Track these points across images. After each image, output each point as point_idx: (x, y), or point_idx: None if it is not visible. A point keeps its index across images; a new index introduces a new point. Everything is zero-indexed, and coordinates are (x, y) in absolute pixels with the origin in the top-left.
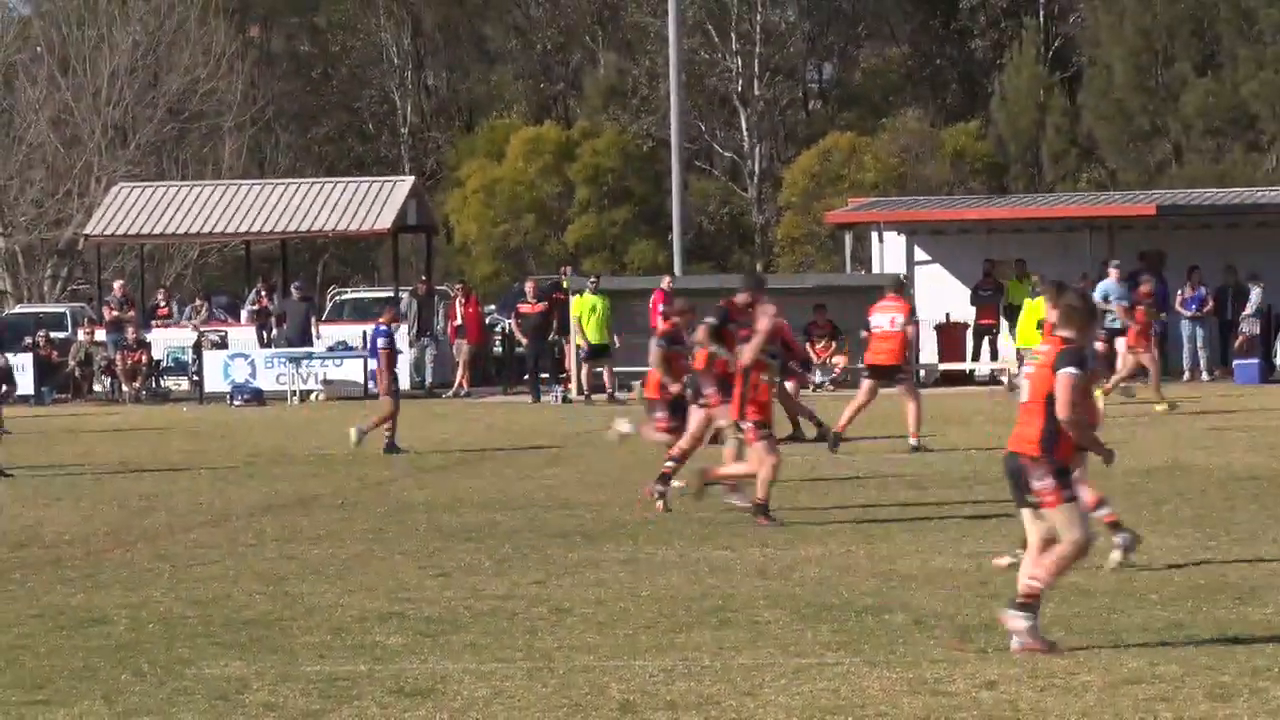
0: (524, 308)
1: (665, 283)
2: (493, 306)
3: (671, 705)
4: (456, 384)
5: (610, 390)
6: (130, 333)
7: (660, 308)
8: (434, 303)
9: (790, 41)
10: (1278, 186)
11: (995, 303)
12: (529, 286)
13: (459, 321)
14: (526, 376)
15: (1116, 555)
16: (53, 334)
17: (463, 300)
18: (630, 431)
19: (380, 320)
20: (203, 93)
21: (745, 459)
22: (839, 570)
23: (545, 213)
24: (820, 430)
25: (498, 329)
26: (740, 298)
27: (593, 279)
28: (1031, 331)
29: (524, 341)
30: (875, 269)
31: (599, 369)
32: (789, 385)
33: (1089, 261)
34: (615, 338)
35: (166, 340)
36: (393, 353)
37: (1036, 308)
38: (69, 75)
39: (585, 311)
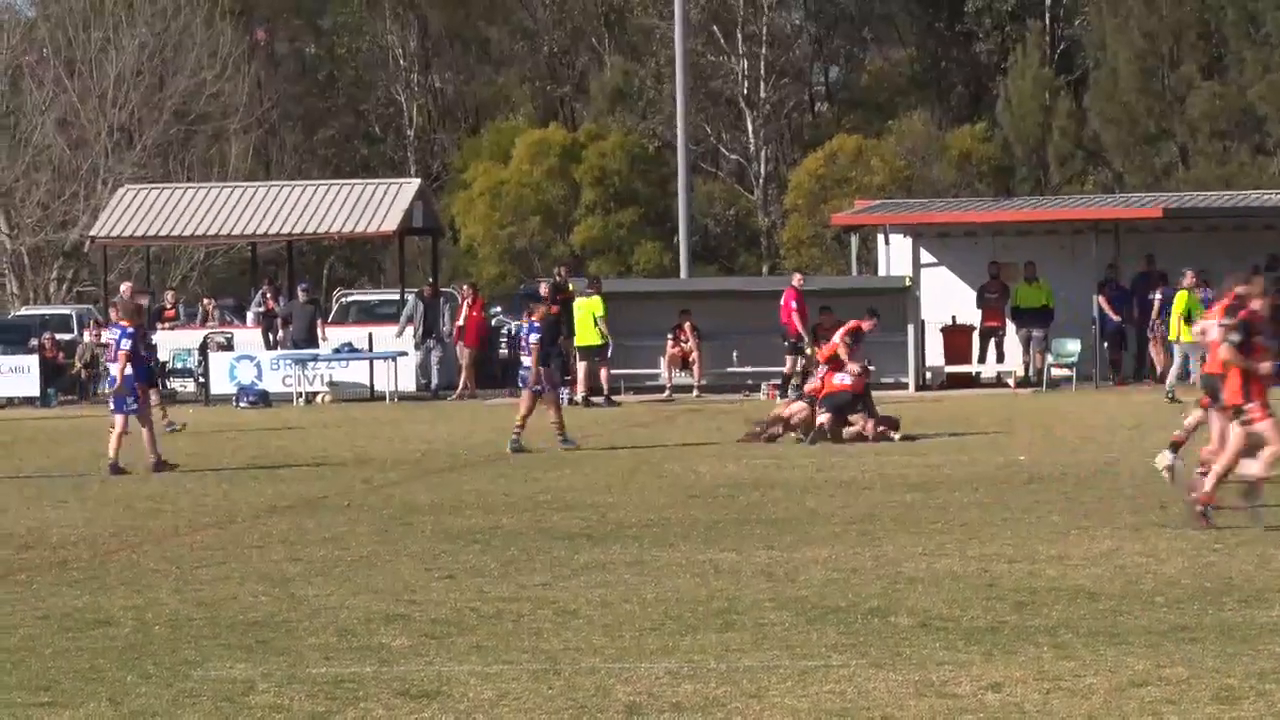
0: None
1: (797, 280)
2: (499, 309)
3: (677, 707)
4: (461, 386)
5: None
6: None
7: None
8: (440, 305)
9: (796, 44)
10: None
11: (1001, 305)
12: (544, 289)
13: (460, 322)
14: None
15: None
16: (58, 336)
17: (470, 302)
18: (1174, 465)
19: (532, 317)
20: (209, 95)
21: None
22: (844, 573)
23: (551, 215)
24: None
25: (504, 330)
26: (1242, 288)
27: (592, 281)
28: (1183, 325)
29: None
30: (881, 271)
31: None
32: None
33: (1095, 264)
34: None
35: (172, 342)
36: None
37: (1183, 300)
38: (75, 77)
39: (596, 312)
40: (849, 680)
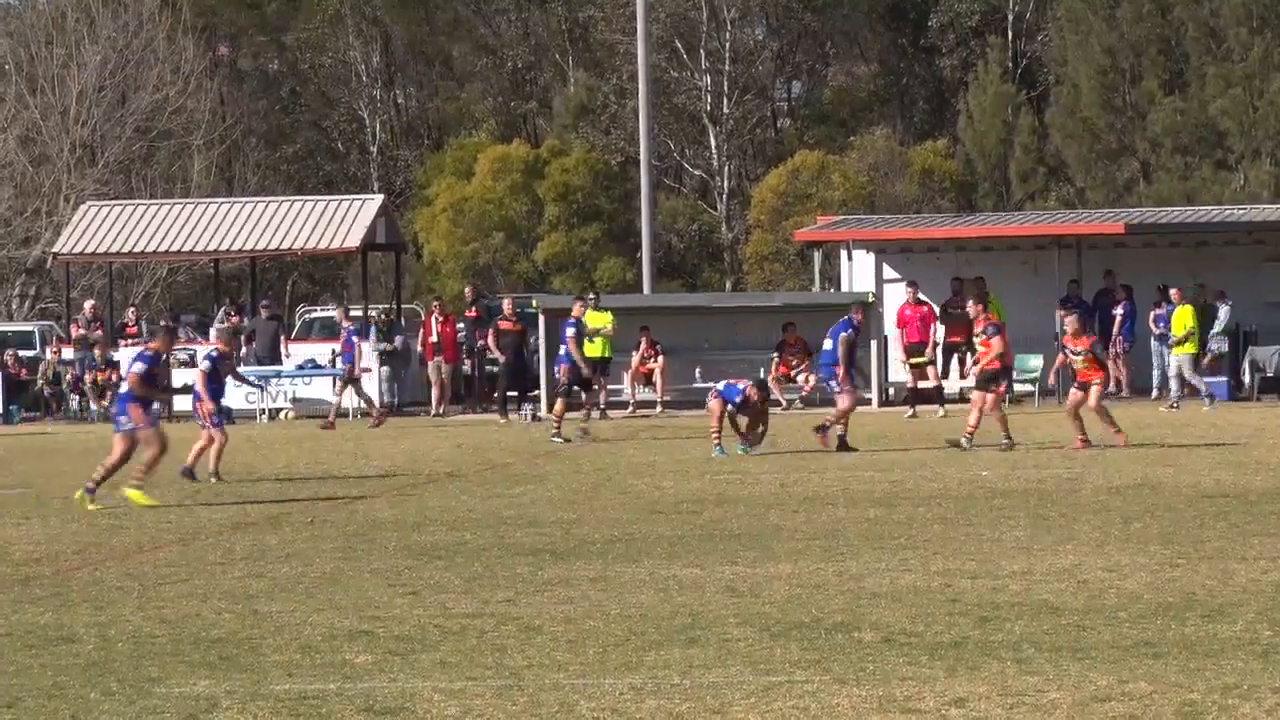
0: (504, 325)
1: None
2: (461, 325)
3: None
4: (436, 403)
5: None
6: (98, 351)
7: None
8: (389, 326)
9: (759, 60)
10: (1246, 205)
11: (964, 321)
12: (506, 305)
13: (435, 339)
14: (497, 394)
15: None
16: (21, 353)
17: (441, 319)
18: None
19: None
20: (171, 111)
21: None
22: (808, 588)
23: (514, 231)
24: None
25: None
26: None
27: (591, 296)
28: None
29: (501, 358)
30: (844, 287)
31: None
32: None
33: (1058, 280)
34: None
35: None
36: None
37: None
38: (37, 94)
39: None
40: (812, 696)
